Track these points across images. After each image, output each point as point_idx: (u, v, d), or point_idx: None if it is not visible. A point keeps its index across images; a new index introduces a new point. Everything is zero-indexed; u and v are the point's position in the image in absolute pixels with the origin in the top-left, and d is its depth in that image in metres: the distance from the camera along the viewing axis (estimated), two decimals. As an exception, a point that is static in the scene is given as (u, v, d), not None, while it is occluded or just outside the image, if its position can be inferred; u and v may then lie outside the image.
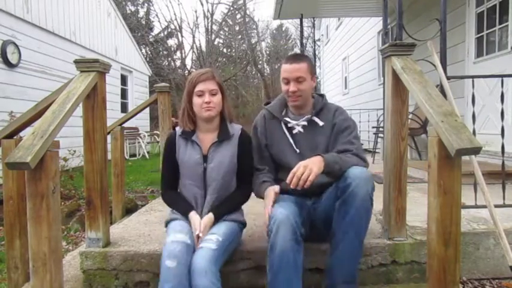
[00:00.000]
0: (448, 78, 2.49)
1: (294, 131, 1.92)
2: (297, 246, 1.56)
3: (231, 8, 22.98)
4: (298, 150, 1.89)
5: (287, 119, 1.94)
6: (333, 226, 1.67)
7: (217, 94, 1.83)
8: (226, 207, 1.84)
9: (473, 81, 2.43)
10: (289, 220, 1.56)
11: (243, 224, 1.91)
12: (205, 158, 1.85)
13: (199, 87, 1.81)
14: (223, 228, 1.74)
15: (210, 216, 1.76)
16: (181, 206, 1.85)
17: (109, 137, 2.90)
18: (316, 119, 1.92)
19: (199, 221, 1.74)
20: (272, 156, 1.97)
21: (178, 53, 21.98)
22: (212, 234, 1.68)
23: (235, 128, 1.92)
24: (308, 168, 1.57)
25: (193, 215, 1.77)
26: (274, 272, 1.54)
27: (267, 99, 2.05)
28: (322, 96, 2.01)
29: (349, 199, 1.60)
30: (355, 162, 1.74)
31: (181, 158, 1.88)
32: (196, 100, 1.82)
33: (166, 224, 1.87)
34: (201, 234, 1.68)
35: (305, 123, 1.92)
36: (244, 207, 1.95)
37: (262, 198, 1.82)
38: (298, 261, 1.56)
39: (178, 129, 1.93)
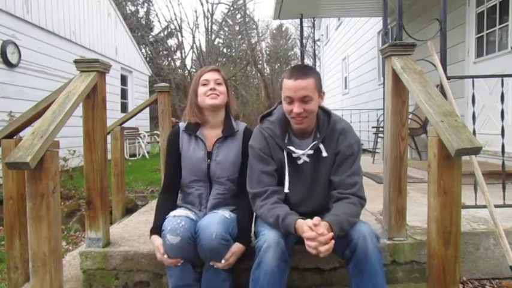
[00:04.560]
0: (448, 78, 2.49)
1: (299, 162, 1.70)
2: (284, 266, 1.51)
3: (231, 8, 22.97)
4: (288, 191, 1.69)
5: (291, 147, 1.68)
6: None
7: (222, 84, 1.85)
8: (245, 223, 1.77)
9: (473, 81, 2.43)
10: (279, 242, 1.50)
11: None
12: (209, 154, 1.84)
13: (204, 77, 1.85)
14: (227, 212, 1.75)
15: (238, 246, 1.68)
16: (157, 217, 1.78)
17: (109, 137, 2.90)
18: (322, 147, 1.68)
19: (161, 243, 1.65)
20: None
21: (178, 53, 21.97)
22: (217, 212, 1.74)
23: (240, 125, 1.93)
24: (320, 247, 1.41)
25: (156, 238, 1.69)
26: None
27: (267, 106, 1.83)
28: (329, 114, 1.74)
29: (360, 264, 1.49)
30: (356, 211, 1.60)
31: (184, 153, 1.86)
32: (201, 89, 1.84)
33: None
34: (165, 257, 1.63)
35: (311, 151, 1.68)
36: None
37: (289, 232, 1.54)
38: (283, 281, 1.51)
39: (181, 124, 1.91)
